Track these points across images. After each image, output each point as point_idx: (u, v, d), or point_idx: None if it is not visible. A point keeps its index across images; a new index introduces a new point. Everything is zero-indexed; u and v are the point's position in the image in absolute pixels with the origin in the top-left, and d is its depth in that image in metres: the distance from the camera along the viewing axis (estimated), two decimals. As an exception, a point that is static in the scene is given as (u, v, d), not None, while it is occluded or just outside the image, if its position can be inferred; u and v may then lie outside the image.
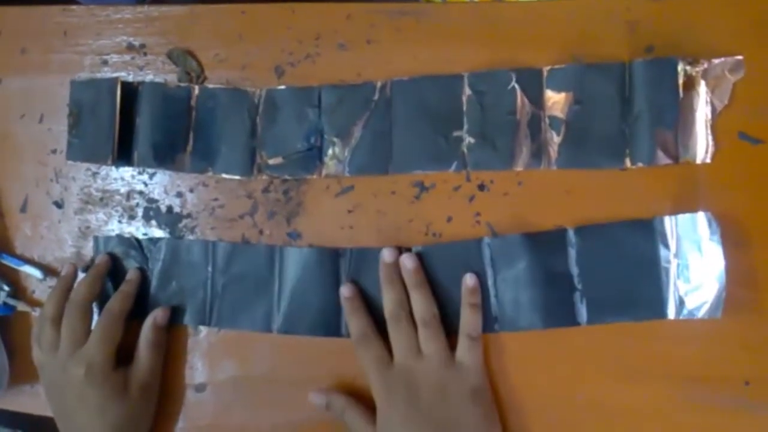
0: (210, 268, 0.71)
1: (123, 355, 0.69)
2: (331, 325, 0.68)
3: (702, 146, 0.62)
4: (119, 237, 0.74)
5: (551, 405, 0.65)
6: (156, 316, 0.70)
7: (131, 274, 0.72)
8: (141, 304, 0.72)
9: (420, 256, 0.66)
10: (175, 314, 0.72)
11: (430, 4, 0.68)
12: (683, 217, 0.61)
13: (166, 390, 0.71)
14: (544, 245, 0.64)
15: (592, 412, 0.64)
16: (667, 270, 0.61)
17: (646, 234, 0.62)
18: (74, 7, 0.77)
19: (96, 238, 0.74)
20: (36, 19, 0.77)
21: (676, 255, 0.61)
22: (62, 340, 0.67)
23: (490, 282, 0.65)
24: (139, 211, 0.74)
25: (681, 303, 0.61)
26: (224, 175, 0.71)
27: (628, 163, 0.63)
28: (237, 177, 0.71)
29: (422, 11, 0.69)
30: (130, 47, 0.75)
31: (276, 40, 0.72)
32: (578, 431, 0.64)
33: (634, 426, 0.63)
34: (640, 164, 0.62)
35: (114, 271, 0.73)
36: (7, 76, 0.77)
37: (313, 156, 0.69)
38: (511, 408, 0.65)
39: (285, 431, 0.70)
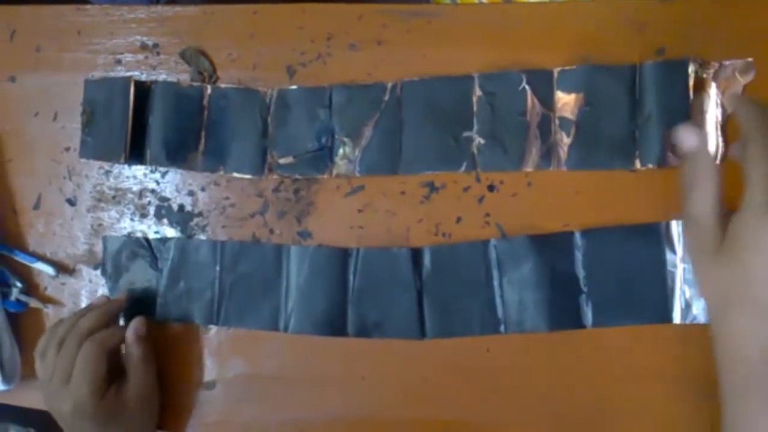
0: (218, 268, 0.71)
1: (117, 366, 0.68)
2: (337, 325, 0.68)
3: (712, 148, 0.62)
4: (128, 237, 0.74)
5: (556, 405, 0.65)
6: (135, 329, 0.68)
7: (138, 320, 0.69)
8: (150, 304, 0.73)
9: (429, 257, 0.67)
10: (184, 314, 0.72)
11: (441, 5, 0.69)
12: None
13: (176, 387, 0.72)
14: (551, 248, 0.65)
15: (598, 412, 0.64)
16: (673, 274, 0.62)
17: (652, 238, 0.63)
18: (88, 6, 0.77)
19: (104, 238, 0.75)
20: (50, 18, 0.78)
21: (683, 259, 0.61)
22: (56, 369, 0.65)
23: (496, 284, 0.65)
24: (151, 210, 0.74)
25: (687, 307, 0.61)
26: (235, 174, 0.71)
27: (638, 164, 0.63)
28: (248, 176, 0.71)
29: (433, 12, 0.70)
30: (144, 47, 0.75)
31: (288, 40, 0.72)
32: (582, 428, 0.65)
33: (640, 427, 0.63)
34: (650, 165, 0.62)
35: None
36: (22, 75, 0.78)
37: (324, 156, 0.70)
38: (517, 408, 0.66)
39: (293, 428, 0.70)
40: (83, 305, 0.75)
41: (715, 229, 0.52)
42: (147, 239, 0.73)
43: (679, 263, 0.61)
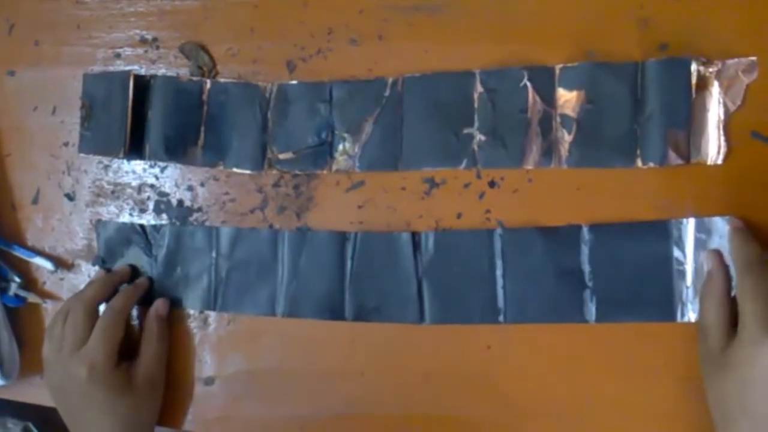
0: (214, 254, 0.72)
1: (126, 348, 0.69)
2: (335, 309, 0.68)
3: (714, 147, 0.61)
4: (122, 223, 0.74)
5: (558, 403, 0.65)
6: (157, 308, 0.71)
7: (141, 279, 0.73)
8: (146, 292, 0.73)
9: (432, 242, 0.67)
10: (180, 300, 0.72)
11: (443, -1, 0.68)
12: (699, 221, 0.61)
13: (175, 383, 0.72)
14: (558, 240, 0.64)
15: (601, 411, 0.64)
16: (680, 273, 0.61)
17: (661, 235, 0.62)
18: (87, -1, 0.77)
19: (98, 223, 0.75)
20: (49, 12, 0.77)
21: (691, 258, 0.61)
22: (65, 339, 0.67)
23: (498, 273, 0.65)
24: (150, 204, 0.74)
25: (691, 306, 0.61)
26: (235, 170, 0.71)
27: (639, 162, 0.62)
28: (248, 171, 0.71)
29: (435, 7, 0.69)
30: (143, 41, 0.75)
31: (288, 34, 0.72)
32: (583, 426, 0.64)
33: (639, 423, 0.63)
34: (651, 164, 0.62)
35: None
36: (21, 69, 0.78)
37: (324, 151, 0.69)
38: (517, 405, 0.65)
39: (293, 424, 0.70)
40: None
41: (720, 342, 0.56)
42: (141, 226, 0.74)
43: (686, 262, 0.61)
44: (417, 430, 0.68)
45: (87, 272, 0.75)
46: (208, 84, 0.72)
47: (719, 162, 0.61)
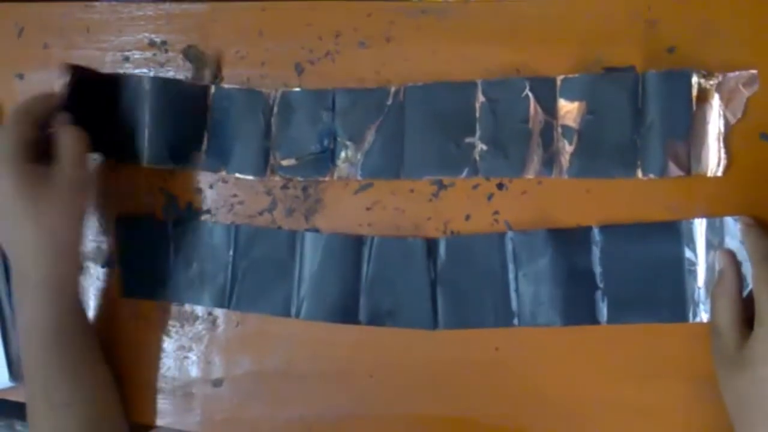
0: (231, 252, 0.72)
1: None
2: (350, 312, 0.69)
3: (714, 159, 0.61)
4: (141, 219, 0.75)
5: (567, 400, 0.65)
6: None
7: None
8: (159, 282, 0.73)
9: (444, 248, 0.67)
10: (195, 296, 0.73)
11: (451, 2, 0.68)
12: (710, 221, 0.61)
13: (182, 384, 0.73)
14: (568, 242, 0.64)
15: (607, 409, 0.64)
16: (691, 273, 0.62)
17: (672, 236, 0.62)
18: (96, 3, 0.77)
19: (117, 220, 0.75)
20: (58, 15, 0.78)
21: (703, 259, 0.62)
22: None
23: (511, 276, 0.66)
24: (159, 206, 0.74)
25: (703, 307, 0.61)
26: (237, 175, 0.72)
27: (639, 173, 0.62)
28: (250, 177, 0.71)
29: (443, 10, 0.69)
30: (152, 44, 0.75)
31: (296, 37, 0.72)
32: (592, 428, 0.65)
33: (649, 424, 0.63)
34: (651, 176, 0.62)
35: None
36: (29, 72, 0.78)
37: (326, 158, 0.70)
38: (526, 406, 0.66)
39: (301, 425, 0.71)
40: (91, 302, 0.75)
41: (735, 341, 0.57)
42: (160, 221, 0.74)
43: (698, 262, 0.62)
44: (425, 430, 0.69)
45: (96, 274, 0.76)
46: (212, 89, 0.72)
47: (719, 174, 0.61)
